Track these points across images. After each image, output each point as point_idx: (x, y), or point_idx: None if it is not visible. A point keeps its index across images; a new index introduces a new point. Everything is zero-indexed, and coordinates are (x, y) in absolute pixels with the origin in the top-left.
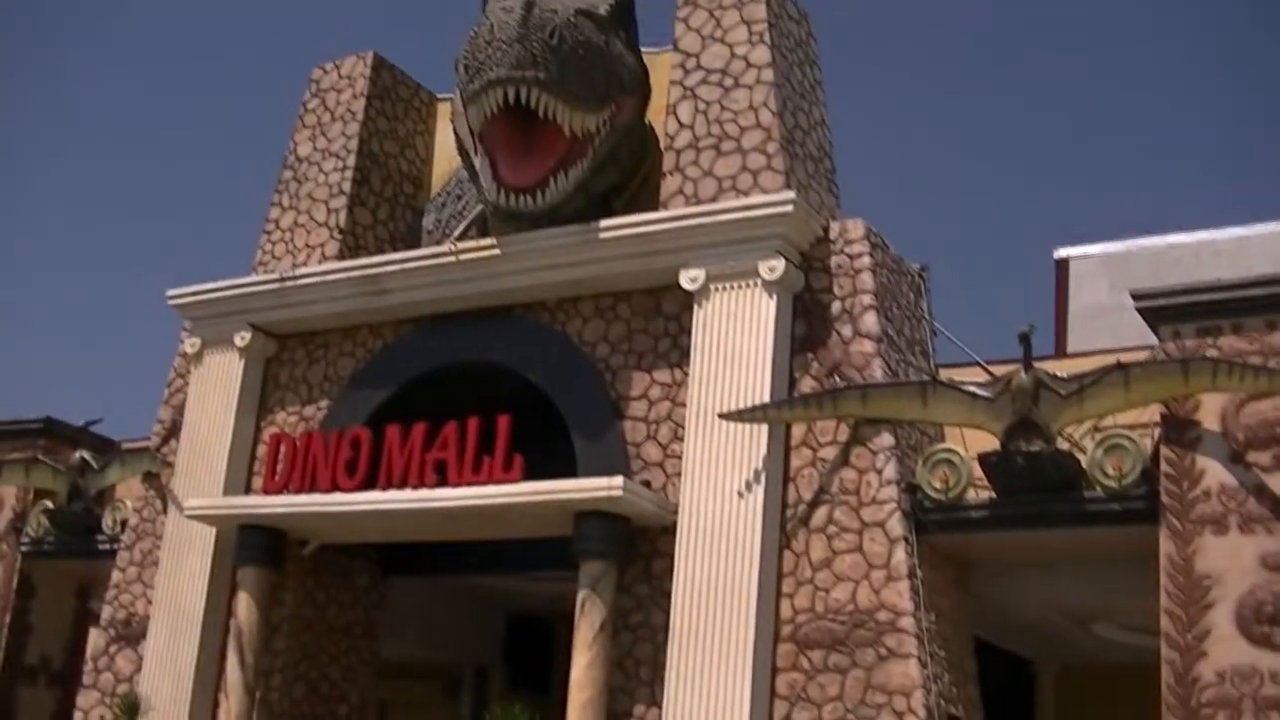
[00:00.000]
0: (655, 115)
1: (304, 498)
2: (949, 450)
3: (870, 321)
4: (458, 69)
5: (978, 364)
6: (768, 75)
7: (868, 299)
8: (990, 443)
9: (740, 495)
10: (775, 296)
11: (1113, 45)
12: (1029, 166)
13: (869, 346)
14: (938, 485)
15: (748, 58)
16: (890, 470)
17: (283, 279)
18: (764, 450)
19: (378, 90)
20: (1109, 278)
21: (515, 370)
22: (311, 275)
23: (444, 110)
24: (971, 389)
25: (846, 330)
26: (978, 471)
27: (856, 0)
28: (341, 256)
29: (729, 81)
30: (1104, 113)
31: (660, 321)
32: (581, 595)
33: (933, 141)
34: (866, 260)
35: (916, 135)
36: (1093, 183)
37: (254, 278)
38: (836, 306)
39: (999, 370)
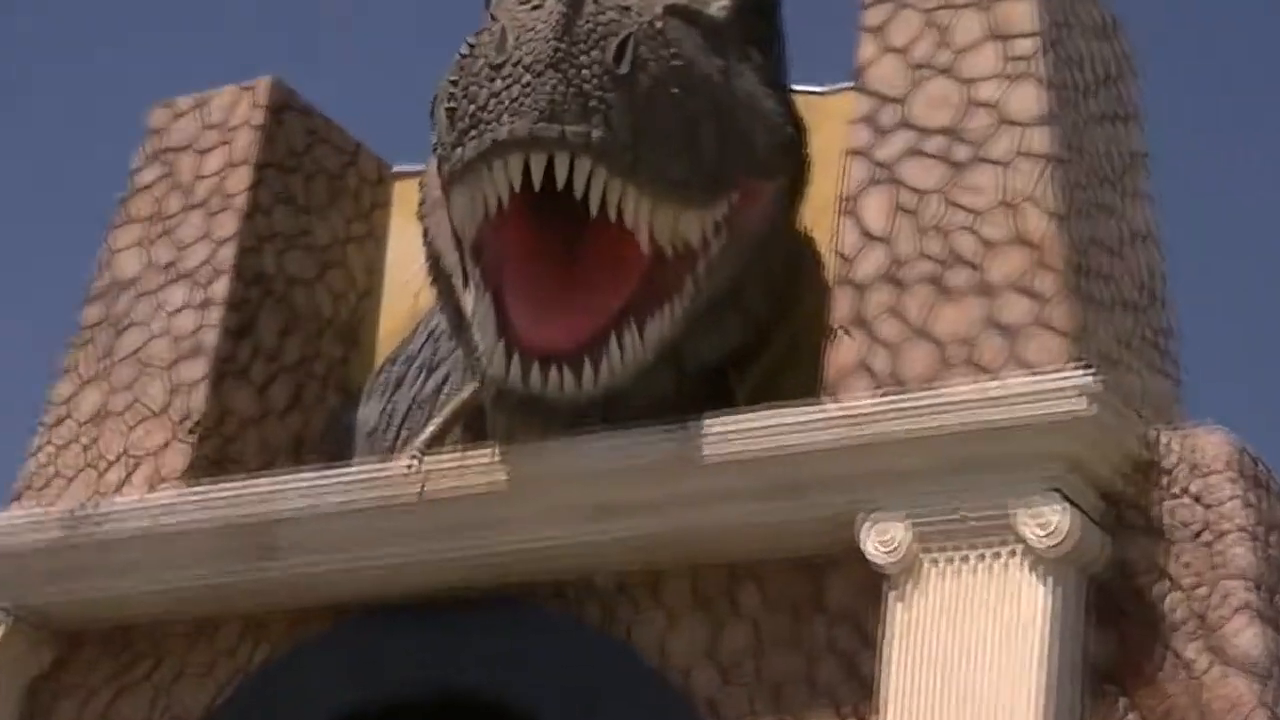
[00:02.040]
0: (818, 213)
1: None
2: None
3: (1248, 639)
4: (435, 119)
5: None
6: (1040, 141)
7: (1240, 590)
8: None
9: None
10: (1051, 580)
11: None
12: None
13: (1242, 687)
14: None
15: (1000, 104)
16: None
17: (74, 518)
18: None
19: (277, 151)
20: None
21: (527, 716)
22: (131, 513)
23: (404, 195)
24: None
25: (1201, 658)
26: None
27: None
28: (195, 476)
29: (963, 153)
30: None
31: (819, 625)
32: None
33: None
34: (1237, 509)
35: None
36: None
37: (16, 514)
38: (1179, 606)
39: None
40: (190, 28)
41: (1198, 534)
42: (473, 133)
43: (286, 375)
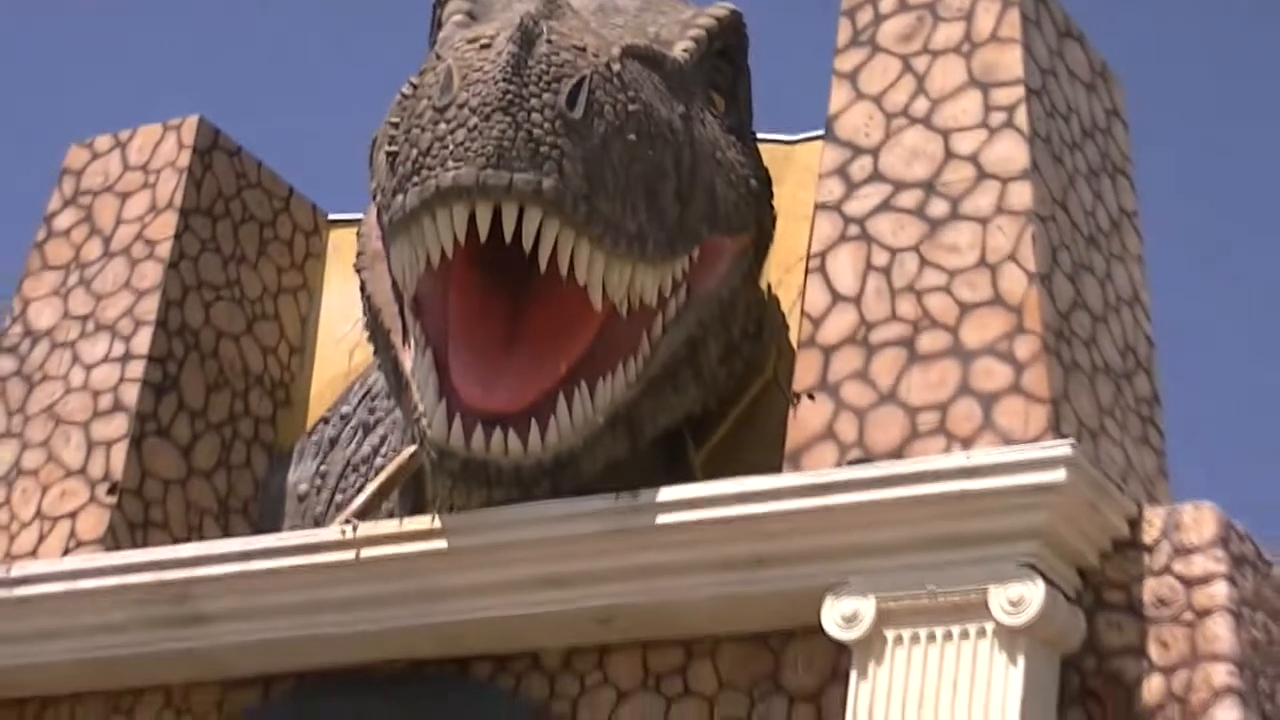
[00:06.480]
0: (783, 271)
1: None
2: None
3: None
4: (374, 164)
5: None
6: (1022, 197)
7: (1222, 674)
8: None
9: None
10: (1023, 660)
11: None
12: None
13: None
14: None
15: (980, 157)
16: None
17: None
18: None
19: (204, 195)
20: None
21: None
22: (46, 578)
23: (339, 245)
24: None
25: None
26: None
27: None
28: (115, 542)
29: (940, 208)
30: None
31: (777, 705)
32: None
33: None
34: (1222, 591)
35: None
36: None
37: None
38: (1158, 689)
39: None
40: (111, 60)
41: (1179, 614)
42: (415, 179)
43: (212, 434)
